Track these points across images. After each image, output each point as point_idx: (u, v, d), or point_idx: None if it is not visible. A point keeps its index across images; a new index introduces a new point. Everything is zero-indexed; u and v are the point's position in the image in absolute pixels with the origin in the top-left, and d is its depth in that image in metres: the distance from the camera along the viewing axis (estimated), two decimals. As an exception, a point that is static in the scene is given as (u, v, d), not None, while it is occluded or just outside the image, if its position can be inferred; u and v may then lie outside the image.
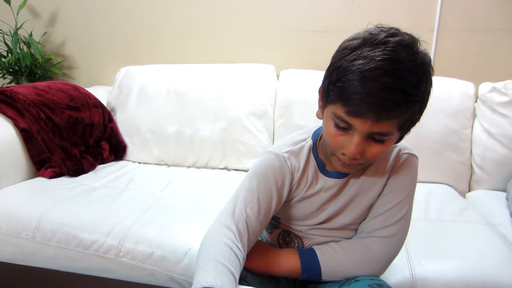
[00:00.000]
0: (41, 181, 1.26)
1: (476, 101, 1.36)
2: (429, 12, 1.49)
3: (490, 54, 1.48)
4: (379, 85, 0.52)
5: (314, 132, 0.73)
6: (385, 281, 0.67)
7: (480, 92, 1.34)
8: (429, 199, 1.19)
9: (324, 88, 0.61)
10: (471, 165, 1.34)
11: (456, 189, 1.31)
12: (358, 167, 0.65)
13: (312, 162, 0.70)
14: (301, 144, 0.71)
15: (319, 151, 0.71)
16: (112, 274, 0.96)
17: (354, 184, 0.70)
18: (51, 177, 1.28)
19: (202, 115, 1.48)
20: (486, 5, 1.44)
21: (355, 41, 0.57)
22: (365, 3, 1.53)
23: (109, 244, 0.97)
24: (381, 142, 0.58)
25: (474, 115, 1.35)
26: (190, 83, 1.53)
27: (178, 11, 1.73)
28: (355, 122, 0.56)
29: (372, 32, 0.56)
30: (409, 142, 1.28)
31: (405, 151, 0.70)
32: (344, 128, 0.58)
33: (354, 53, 0.55)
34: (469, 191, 1.35)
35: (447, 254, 0.89)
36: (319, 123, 0.70)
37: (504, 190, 1.25)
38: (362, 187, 0.70)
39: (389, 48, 0.53)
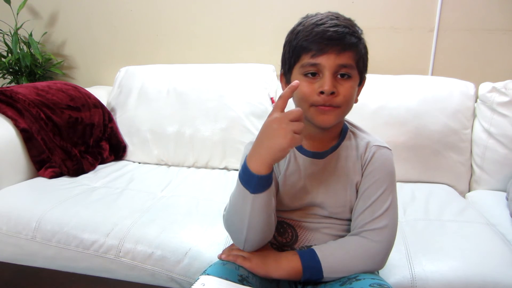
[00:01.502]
0: (41, 181, 1.26)
1: (476, 101, 1.36)
2: (429, 12, 1.49)
3: (490, 54, 1.48)
4: (329, 25, 0.66)
5: None
6: (385, 281, 0.67)
7: (480, 92, 1.33)
8: (429, 199, 1.19)
9: (285, 62, 0.73)
10: (471, 165, 1.34)
11: (456, 189, 1.31)
12: (337, 114, 0.68)
13: None
14: None
15: None
16: (112, 274, 0.96)
17: (331, 168, 0.74)
18: (51, 177, 1.28)
19: (202, 115, 1.48)
20: (486, 5, 1.44)
21: (297, 23, 0.72)
22: (365, 3, 1.53)
23: (109, 244, 0.97)
24: (349, 77, 0.68)
25: (474, 115, 1.35)
26: (190, 83, 1.52)
27: (178, 11, 1.73)
28: (322, 59, 0.66)
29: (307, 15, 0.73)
30: (410, 142, 1.29)
31: (375, 144, 0.74)
32: (314, 73, 0.67)
33: (300, 24, 0.70)
34: (469, 191, 1.35)
35: (447, 254, 0.89)
36: None
37: (504, 190, 1.25)
38: (340, 172, 0.74)
39: (324, 13, 0.70)
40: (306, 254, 0.70)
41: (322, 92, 0.66)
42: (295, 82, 0.62)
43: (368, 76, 1.59)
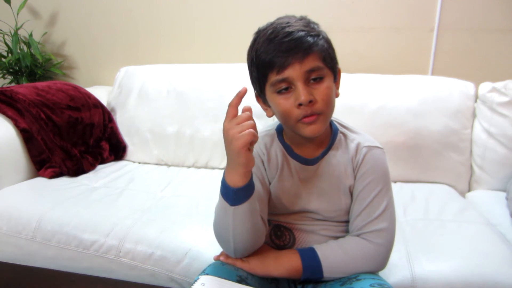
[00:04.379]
0: (41, 181, 1.27)
1: (476, 101, 1.36)
2: (429, 12, 1.49)
3: (490, 54, 1.48)
4: (282, 35, 0.64)
5: (278, 125, 0.78)
6: (386, 281, 0.67)
7: (480, 92, 1.33)
8: (429, 199, 1.19)
9: (256, 83, 0.72)
10: (471, 165, 1.34)
11: (456, 189, 1.31)
12: (322, 120, 0.67)
13: (278, 145, 0.76)
14: (265, 132, 0.78)
15: (285, 137, 0.76)
16: (112, 274, 0.96)
17: (323, 174, 0.73)
18: (51, 177, 1.29)
19: (202, 115, 1.48)
20: (486, 5, 1.44)
21: (252, 39, 0.71)
22: (365, 3, 1.53)
23: (109, 244, 0.97)
24: (321, 79, 0.66)
25: (474, 115, 1.35)
26: (190, 83, 1.52)
27: (178, 11, 1.73)
28: (289, 73, 0.64)
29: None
30: (410, 142, 1.29)
31: (365, 144, 0.73)
32: (286, 87, 0.66)
33: (256, 41, 0.69)
34: (469, 191, 1.35)
35: (447, 254, 0.89)
36: None
37: (504, 190, 1.25)
38: (332, 177, 0.73)
39: (274, 23, 0.68)
40: (307, 253, 0.70)
41: (300, 104, 0.64)
42: (242, 89, 0.62)
43: (368, 76, 1.58)
